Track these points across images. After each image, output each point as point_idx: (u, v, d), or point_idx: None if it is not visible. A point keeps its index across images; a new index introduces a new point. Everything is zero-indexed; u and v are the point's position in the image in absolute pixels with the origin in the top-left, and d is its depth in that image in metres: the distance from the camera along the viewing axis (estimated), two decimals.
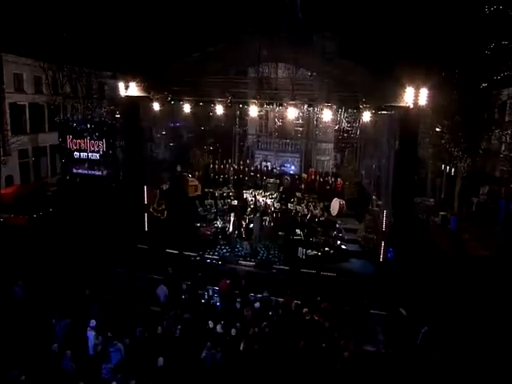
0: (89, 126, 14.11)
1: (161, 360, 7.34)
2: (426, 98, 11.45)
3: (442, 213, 20.13)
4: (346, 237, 13.75)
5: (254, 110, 11.72)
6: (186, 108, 12.86)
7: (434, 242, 16.36)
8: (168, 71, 12.59)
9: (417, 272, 11.81)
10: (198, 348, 7.91)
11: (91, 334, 8.17)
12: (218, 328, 8.64)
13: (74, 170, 14.57)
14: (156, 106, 12.46)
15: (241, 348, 8.16)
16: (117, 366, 7.32)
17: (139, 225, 14.15)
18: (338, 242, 13.71)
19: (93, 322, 8.32)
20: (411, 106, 11.38)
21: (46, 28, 17.51)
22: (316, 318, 9.26)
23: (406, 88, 11.22)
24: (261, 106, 11.83)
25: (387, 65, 15.83)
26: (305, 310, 9.44)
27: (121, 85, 12.56)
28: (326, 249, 13.30)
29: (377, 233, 13.18)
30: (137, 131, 13.37)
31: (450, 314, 10.16)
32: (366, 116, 11.44)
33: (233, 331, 8.47)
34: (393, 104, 10.97)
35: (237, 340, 8.30)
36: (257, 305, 9.74)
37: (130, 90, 12.48)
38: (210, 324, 8.75)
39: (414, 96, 11.30)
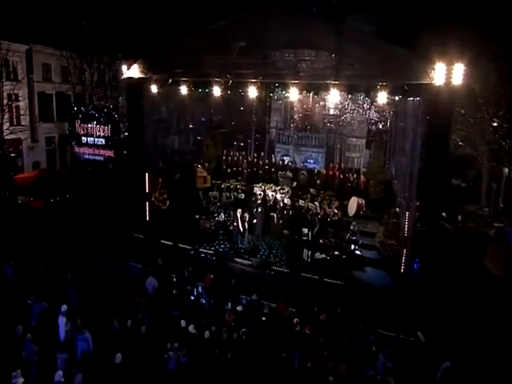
0: (96, 111, 14.34)
1: (119, 356, 6.96)
2: (461, 77, 9.60)
3: (498, 224, 17.15)
4: (361, 241, 12.23)
5: (253, 92, 10.83)
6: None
7: (479, 258, 13.85)
8: (169, 52, 12.23)
9: (447, 290, 10.05)
10: (163, 347, 7.41)
11: (62, 319, 8.05)
12: (191, 328, 8.02)
13: (81, 155, 14.94)
14: (154, 89, 12.15)
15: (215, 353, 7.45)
16: (71, 356, 7.14)
17: (140, 213, 13.94)
18: (352, 247, 12.22)
19: (64, 307, 8.17)
20: (441, 86, 9.60)
21: (68, 18, 18.35)
22: (307, 332, 8.18)
23: (434, 64, 9.50)
24: (263, 88, 10.90)
25: (410, 35, 13.78)
26: (296, 319, 8.43)
27: (124, 68, 12.43)
28: (336, 253, 11.92)
29: (398, 239, 11.48)
30: (139, 116, 13.22)
31: (484, 349, 8.26)
32: (382, 97, 9.92)
33: (206, 334, 7.81)
34: (416, 82, 9.30)
35: (209, 344, 7.62)
36: (239, 308, 9.02)
37: (133, 73, 12.30)
38: (183, 323, 8.17)
39: (446, 73, 9.53)
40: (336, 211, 13.38)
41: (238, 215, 12.59)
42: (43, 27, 18.65)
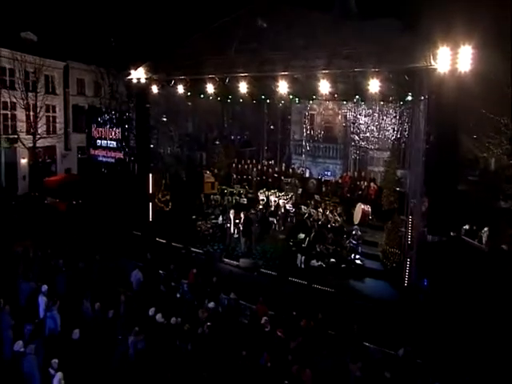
0: (109, 115, 15.01)
1: (76, 332, 7.00)
2: (469, 61, 8.43)
3: None
4: (361, 248, 11.02)
5: (244, 87, 10.54)
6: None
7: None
8: (173, 54, 12.56)
9: (454, 311, 8.58)
10: (125, 331, 7.29)
11: (42, 298, 8.37)
12: (158, 317, 7.77)
13: (96, 157, 15.57)
14: (155, 89, 12.40)
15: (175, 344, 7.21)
16: (34, 331, 7.25)
17: (144, 214, 14.20)
18: (353, 256, 10.94)
19: (44, 287, 8.51)
20: (446, 73, 8.49)
21: (97, 35, 20.02)
22: (279, 334, 7.50)
23: (437, 48, 8.48)
24: (253, 81, 10.60)
25: (411, 16, 12.51)
26: (265, 318, 7.86)
27: (133, 72, 12.91)
28: (332, 260, 10.73)
29: (401, 247, 10.04)
30: (145, 118, 13.60)
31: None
32: (375, 86, 8.96)
33: (172, 321, 7.64)
34: (413, 65, 8.28)
35: (171, 334, 7.37)
36: (211, 305, 8.57)
37: (139, 74, 12.73)
38: (151, 312, 7.96)
39: (451, 58, 8.43)
40: (338, 218, 12.21)
41: (231, 216, 11.99)
42: (77, 44, 20.54)
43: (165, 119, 21.33)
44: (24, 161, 20.97)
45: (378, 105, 16.79)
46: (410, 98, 11.99)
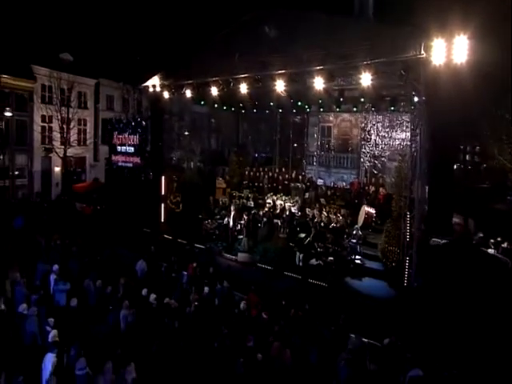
0: (128, 123, 16.06)
1: (74, 301, 7.69)
2: (466, 52, 8.25)
3: None
4: (359, 247, 10.78)
5: (244, 88, 10.97)
6: None
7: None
8: (183, 63, 13.36)
9: (454, 312, 8.03)
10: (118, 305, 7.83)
11: (52, 276, 9.23)
12: (152, 298, 8.21)
13: (116, 162, 16.57)
14: (166, 95, 13.22)
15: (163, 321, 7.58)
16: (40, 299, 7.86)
17: (156, 213, 15.03)
18: (353, 256, 10.58)
19: (55, 267, 9.40)
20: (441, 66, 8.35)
21: (125, 53, 21.83)
22: (264, 316, 7.70)
23: (429, 38, 8.40)
24: (252, 83, 11.00)
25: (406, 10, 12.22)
26: (243, 303, 8.15)
27: (148, 81, 13.87)
28: (331, 258, 10.43)
29: (400, 246, 9.59)
30: (159, 123, 14.41)
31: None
32: (367, 79, 8.93)
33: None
34: (405, 56, 8.20)
35: (160, 311, 7.76)
36: (206, 290, 8.92)
37: (153, 81, 13.66)
38: (144, 292, 8.46)
39: (446, 50, 8.31)
40: (340, 218, 11.94)
41: (232, 214, 12.15)
42: (108, 63, 22.48)
43: (187, 133, 22.46)
44: (57, 169, 22.84)
45: (391, 113, 16.57)
46: (416, 99, 11.77)
